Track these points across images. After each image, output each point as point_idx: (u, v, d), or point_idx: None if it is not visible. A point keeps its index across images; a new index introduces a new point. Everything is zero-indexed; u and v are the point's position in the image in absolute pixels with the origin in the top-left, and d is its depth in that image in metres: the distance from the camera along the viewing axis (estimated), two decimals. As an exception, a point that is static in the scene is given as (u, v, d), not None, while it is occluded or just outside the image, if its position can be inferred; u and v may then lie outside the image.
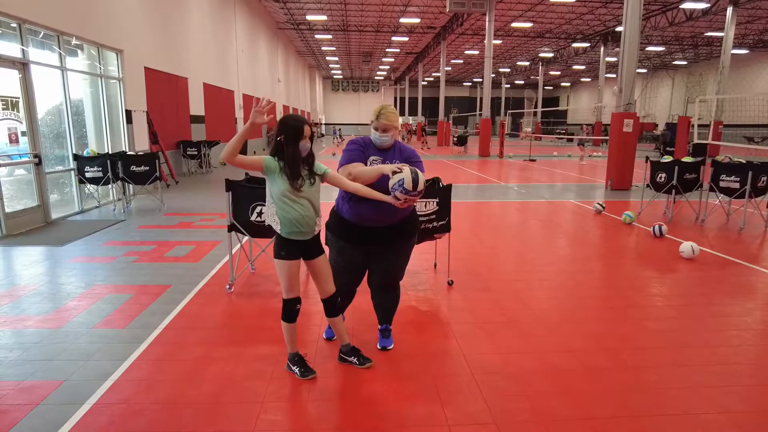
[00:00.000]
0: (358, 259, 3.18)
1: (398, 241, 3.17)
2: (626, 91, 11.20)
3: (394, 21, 26.59)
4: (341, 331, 3.16)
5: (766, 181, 7.13)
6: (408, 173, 2.75)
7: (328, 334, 3.59)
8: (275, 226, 2.88)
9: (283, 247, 2.89)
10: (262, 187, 4.35)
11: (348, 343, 3.19)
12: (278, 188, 2.79)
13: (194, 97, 14.43)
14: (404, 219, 3.13)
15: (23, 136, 7.11)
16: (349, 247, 3.14)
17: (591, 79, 46.94)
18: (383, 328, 3.44)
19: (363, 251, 3.16)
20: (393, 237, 3.13)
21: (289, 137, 2.76)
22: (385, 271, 3.24)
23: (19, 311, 4.04)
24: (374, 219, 3.03)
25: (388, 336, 3.44)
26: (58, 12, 7.83)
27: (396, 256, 3.22)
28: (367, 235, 3.09)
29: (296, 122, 2.79)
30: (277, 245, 2.91)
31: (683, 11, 21.44)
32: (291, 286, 2.92)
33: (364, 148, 3.08)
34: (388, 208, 2.94)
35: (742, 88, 30.15)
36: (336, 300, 3.07)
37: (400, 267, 3.30)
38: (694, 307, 4.26)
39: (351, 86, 55.75)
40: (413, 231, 3.26)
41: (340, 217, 3.14)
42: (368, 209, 3.00)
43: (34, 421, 2.59)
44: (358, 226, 3.07)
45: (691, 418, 2.65)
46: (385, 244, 3.13)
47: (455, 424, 2.59)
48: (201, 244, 6.21)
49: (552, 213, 8.72)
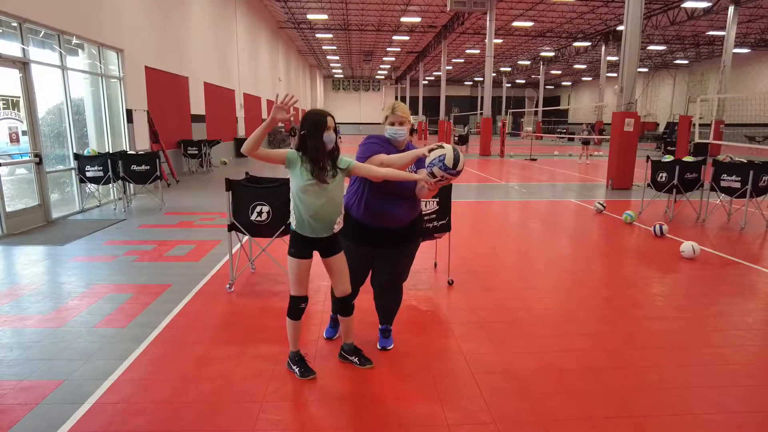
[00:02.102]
0: (365, 259, 3.20)
1: (405, 242, 3.19)
2: (627, 91, 11.18)
3: (395, 20, 26.57)
4: (349, 329, 3.14)
5: (767, 181, 7.11)
6: (450, 149, 2.69)
7: (329, 333, 3.59)
8: (291, 222, 2.86)
9: (294, 244, 2.87)
10: (262, 186, 4.35)
11: (351, 342, 3.19)
12: (297, 183, 2.76)
13: (195, 96, 14.43)
14: (413, 221, 3.16)
15: (24, 136, 7.11)
16: (355, 247, 3.12)
17: (592, 79, 46.87)
18: (384, 329, 3.45)
19: (370, 252, 3.17)
20: (401, 238, 3.15)
21: (311, 130, 2.73)
22: (391, 271, 3.24)
23: (19, 310, 4.05)
24: (393, 218, 3.03)
25: (388, 336, 3.45)
26: (59, 11, 7.83)
27: (402, 257, 3.23)
28: (376, 236, 3.09)
29: (318, 115, 2.76)
30: (290, 241, 2.89)
31: (684, 10, 21.39)
32: (299, 284, 2.90)
33: (383, 145, 3.07)
34: (409, 208, 2.99)
35: (744, 88, 30.09)
36: (351, 300, 3.06)
37: (405, 268, 3.31)
38: (694, 307, 4.25)
39: (352, 85, 55.71)
40: (419, 233, 3.31)
41: (350, 217, 3.10)
42: (391, 207, 3.00)
43: (34, 421, 2.59)
44: (369, 227, 3.06)
45: (692, 418, 2.65)
46: (392, 245, 3.14)
47: (455, 423, 2.59)
48: (201, 243, 6.21)
49: (552, 212, 8.72)
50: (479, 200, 10.02)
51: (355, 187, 3.11)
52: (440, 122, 31.94)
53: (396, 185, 2.94)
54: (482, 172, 15.22)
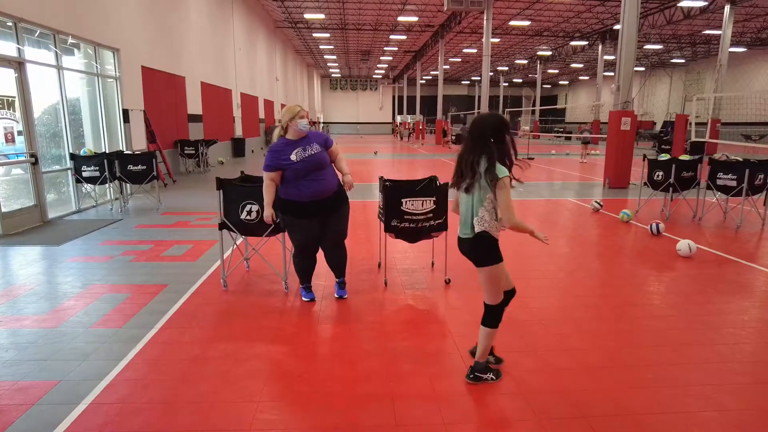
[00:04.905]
0: (316, 228, 3.96)
1: (340, 206, 4.02)
2: (624, 90, 11.21)
3: (392, 19, 26.56)
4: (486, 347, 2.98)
5: (762, 179, 7.14)
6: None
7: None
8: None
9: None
10: (253, 185, 4.34)
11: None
12: None
13: (192, 95, 14.40)
14: (336, 190, 3.97)
15: (19, 136, 7.08)
16: (307, 222, 3.90)
17: (589, 78, 46.93)
18: (341, 281, 4.31)
19: (317, 221, 3.94)
20: (335, 204, 3.97)
21: None
22: (335, 231, 4.06)
23: (15, 311, 4.03)
24: (321, 192, 3.85)
25: (343, 287, 4.32)
26: (54, 11, 7.80)
27: (341, 218, 4.06)
28: (317, 208, 3.88)
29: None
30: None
31: (681, 9, 21.44)
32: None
33: (280, 152, 3.82)
34: (327, 181, 3.87)
35: (740, 86, 30.20)
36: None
37: (344, 226, 4.13)
38: (691, 305, 4.27)
39: (349, 85, 55.67)
40: (346, 197, 4.10)
41: (289, 201, 3.85)
42: (315, 184, 3.82)
43: (30, 422, 2.58)
44: (310, 202, 3.82)
45: (688, 416, 2.66)
46: (330, 210, 3.95)
47: (451, 422, 2.59)
48: (198, 243, 6.20)
49: (550, 211, 8.73)
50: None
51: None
52: (438, 122, 31.97)
53: (299, 167, 3.76)
54: (479, 172, 15.20)
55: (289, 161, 3.77)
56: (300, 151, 3.78)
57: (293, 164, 3.76)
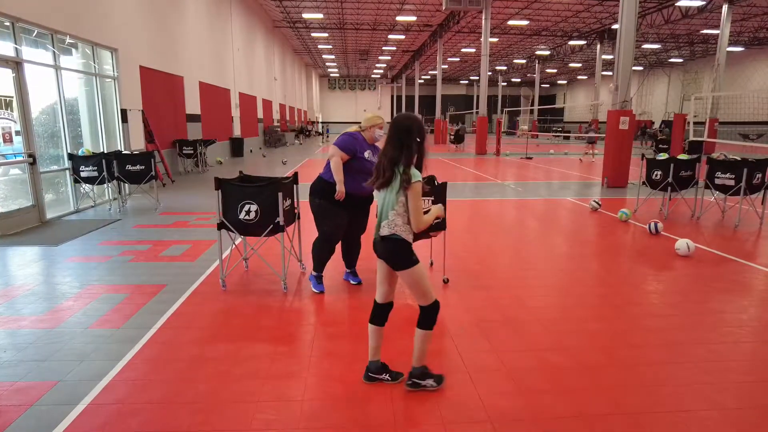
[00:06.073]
0: (345, 219, 4.39)
1: (366, 206, 4.53)
2: (622, 89, 11.22)
3: (391, 19, 26.55)
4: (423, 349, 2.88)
5: (761, 178, 7.15)
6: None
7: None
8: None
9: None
10: (250, 185, 4.34)
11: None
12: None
13: (190, 95, 14.38)
14: (370, 194, 4.38)
15: (17, 136, 7.07)
16: (342, 211, 4.34)
17: (588, 77, 46.99)
18: (353, 270, 4.74)
19: (347, 214, 4.37)
20: (365, 204, 4.50)
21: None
22: (361, 226, 4.58)
23: (13, 311, 4.03)
24: (363, 190, 4.23)
25: (357, 275, 4.74)
26: (52, 10, 7.79)
27: (366, 216, 4.58)
28: (353, 202, 4.32)
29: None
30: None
31: (679, 9, 21.47)
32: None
33: (357, 142, 4.27)
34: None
35: (738, 86, 30.25)
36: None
37: (366, 224, 4.61)
38: (689, 305, 4.27)
39: (348, 84, 55.66)
40: (372, 198, 4.48)
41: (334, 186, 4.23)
42: (361, 181, 3.95)
43: (29, 422, 2.58)
44: (352, 194, 4.25)
45: (686, 415, 2.66)
46: (360, 208, 4.46)
47: (450, 422, 2.59)
48: (197, 243, 6.20)
49: (548, 210, 8.74)
50: (475, 199, 10.03)
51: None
52: (436, 121, 31.98)
53: (365, 166, 4.13)
54: (478, 171, 15.24)
55: (363, 156, 4.26)
56: (371, 152, 4.31)
57: (365, 161, 4.23)
